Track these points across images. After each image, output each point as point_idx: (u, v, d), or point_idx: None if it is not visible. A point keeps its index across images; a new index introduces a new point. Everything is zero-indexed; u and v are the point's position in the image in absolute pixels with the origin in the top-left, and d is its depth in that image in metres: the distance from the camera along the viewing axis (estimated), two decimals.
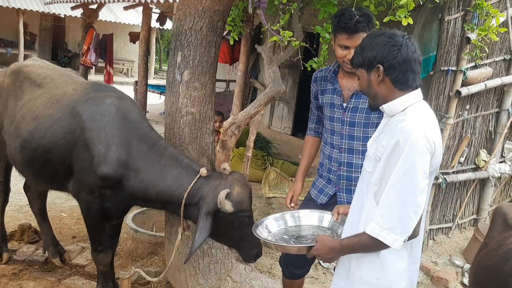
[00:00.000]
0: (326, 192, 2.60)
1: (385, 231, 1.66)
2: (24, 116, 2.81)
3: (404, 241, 1.69)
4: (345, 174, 2.49)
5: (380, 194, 1.73)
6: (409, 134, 1.63)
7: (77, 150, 2.62)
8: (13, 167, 3.39)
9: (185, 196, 2.47)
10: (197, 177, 2.50)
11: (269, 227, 2.26)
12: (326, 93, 2.56)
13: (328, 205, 2.49)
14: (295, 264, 2.67)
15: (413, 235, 1.74)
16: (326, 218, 2.25)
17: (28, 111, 2.82)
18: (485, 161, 4.68)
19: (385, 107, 1.81)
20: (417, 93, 1.81)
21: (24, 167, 2.89)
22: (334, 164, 2.53)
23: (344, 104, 2.45)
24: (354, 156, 2.45)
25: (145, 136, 2.62)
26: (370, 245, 1.73)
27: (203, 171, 2.51)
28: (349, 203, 2.42)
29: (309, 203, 2.67)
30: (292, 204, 2.68)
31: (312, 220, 2.27)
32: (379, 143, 1.78)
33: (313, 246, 1.87)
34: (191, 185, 2.48)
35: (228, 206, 2.40)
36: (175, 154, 2.62)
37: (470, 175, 4.61)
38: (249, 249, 2.60)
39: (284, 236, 2.19)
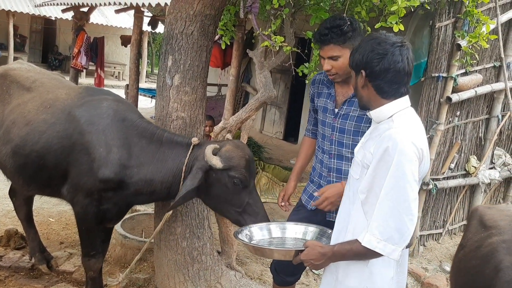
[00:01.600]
0: (317, 198, 2.57)
1: (382, 243, 1.64)
2: (15, 121, 2.77)
3: (402, 250, 1.67)
4: (334, 180, 2.46)
5: (368, 203, 1.72)
6: (398, 142, 1.63)
7: (74, 154, 2.59)
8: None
9: (183, 169, 2.53)
10: (191, 147, 2.56)
11: (253, 235, 2.24)
12: (321, 97, 2.54)
13: (317, 212, 2.47)
14: (287, 272, 2.64)
15: (409, 243, 1.73)
16: (310, 231, 2.21)
17: (19, 115, 2.78)
18: (475, 167, 4.70)
19: (372, 114, 1.82)
20: (405, 100, 1.80)
21: (15, 173, 2.84)
22: (324, 169, 2.51)
23: (336, 110, 2.43)
24: (344, 162, 2.42)
25: (144, 131, 2.63)
26: (363, 253, 1.70)
27: (194, 139, 2.57)
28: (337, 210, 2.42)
29: (300, 209, 2.65)
30: (283, 203, 2.68)
31: (296, 233, 2.23)
32: (366, 149, 1.78)
33: (302, 250, 1.85)
34: (187, 156, 2.54)
35: (215, 161, 2.39)
36: (170, 137, 2.65)
37: (460, 181, 4.63)
38: (252, 222, 2.42)
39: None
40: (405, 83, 1.78)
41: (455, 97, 4.17)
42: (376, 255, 1.67)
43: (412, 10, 3.15)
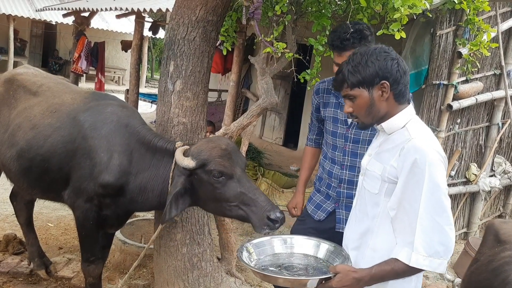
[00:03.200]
0: (324, 208, 2.52)
1: (428, 259, 1.60)
2: (21, 125, 2.78)
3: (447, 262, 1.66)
4: (345, 191, 2.41)
5: (398, 219, 1.68)
6: (426, 153, 1.60)
7: (77, 159, 2.59)
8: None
9: (171, 174, 2.46)
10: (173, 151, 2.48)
11: (256, 251, 1.98)
12: (328, 107, 2.49)
13: (325, 222, 2.42)
14: None
15: None
16: (323, 248, 1.96)
17: (25, 119, 2.79)
18: (475, 174, 4.70)
19: (384, 125, 1.76)
20: (412, 107, 1.79)
21: (19, 177, 2.83)
22: (335, 180, 2.45)
23: (349, 120, 2.38)
24: (356, 174, 2.33)
25: (143, 138, 2.61)
26: (407, 272, 1.65)
27: (177, 144, 2.49)
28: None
29: (305, 219, 2.60)
30: (298, 212, 2.66)
31: (306, 248, 1.98)
32: (385, 163, 1.72)
33: (329, 277, 1.68)
34: (174, 162, 2.45)
35: (186, 161, 2.29)
36: (162, 144, 2.58)
37: (460, 189, 4.62)
38: (255, 214, 2.24)
39: (270, 268, 1.85)
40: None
41: (455, 105, 4.18)
42: (418, 270, 1.65)
43: (414, 17, 3.15)
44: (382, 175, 1.72)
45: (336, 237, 2.09)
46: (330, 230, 2.37)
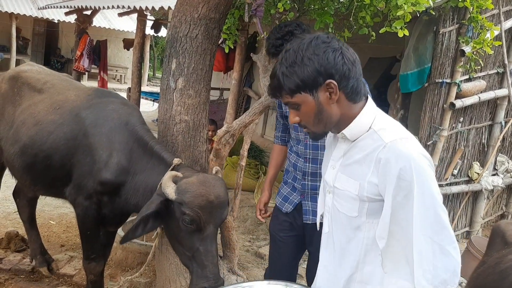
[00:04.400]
0: (291, 200, 2.57)
1: None
2: (25, 121, 2.79)
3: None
4: (310, 183, 2.46)
5: (390, 248, 1.35)
6: (409, 159, 1.29)
7: (78, 155, 2.60)
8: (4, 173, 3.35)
9: (158, 186, 2.36)
10: (170, 168, 2.39)
11: None
12: None
13: (292, 214, 2.51)
14: None
15: None
16: None
17: (29, 116, 2.80)
18: (478, 173, 4.69)
19: (347, 133, 1.43)
20: (371, 102, 1.46)
21: (22, 173, 2.85)
22: (299, 172, 2.50)
23: None
24: (319, 165, 2.34)
25: (140, 139, 2.60)
26: None
27: (176, 160, 2.40)
28: (314, 211, 2.41)
29: (277, 214, 2.65)
30: (263, 213, 2.69)
31: None
32: (359, 179, 1.40)
33: None
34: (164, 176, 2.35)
35: (169, 189, 2.16)
36: (159, 151, 2.53)
37: (463, 188, 4.60)
38: (196, 275, 2.19)
39: None
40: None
41: (458, 103, 4.16)
42: None
43: (417, 15, 3.14)
44: (360, 194, 1.40)
45: (306, 228, 2.28)
46: (300, 220, 2.48)
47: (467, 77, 4.26)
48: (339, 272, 1.52)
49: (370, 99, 1.46)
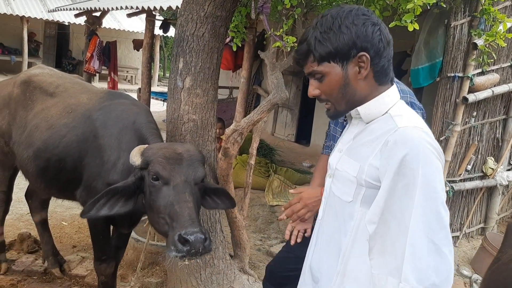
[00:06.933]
0: None
1: None
2: (38, 126, 2.80)
3: None
4: None
5: (377, 236, 1.25)
6: (418, 147, 1.19)
7: (88, 157, 2.60)
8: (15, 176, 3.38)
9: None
10: None
11: None
12: None
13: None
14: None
15: None
16: None
17: (42, 120, 2.81)
18: (492, 168, 4.60)
19: (361, 110, 1.35)
20: (396, 89, 1.40)
21: (37, 177, 2.86)
22: None
23: None
24: None
25: (143, 137, 2.54)
26: None
27: None
28: None
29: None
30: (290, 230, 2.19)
31: None
32: (361, 160, 1.32)
33: None
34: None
35: (135, 157, 2.08)
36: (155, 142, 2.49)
37: (477, 183, 4.52)
38: (173, 231, 1.89)
39: None
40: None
41: (471, 97, 4.08)
42: None
43: (428, 7, 3.08)
44: (358, 177, 1.32)
45: None
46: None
47: (480, 70, 4.18)
48: (323, 259, 1.48)
49: (394, 86, 1.39)
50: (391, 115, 1.32)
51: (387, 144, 1.24)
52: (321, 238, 1.50)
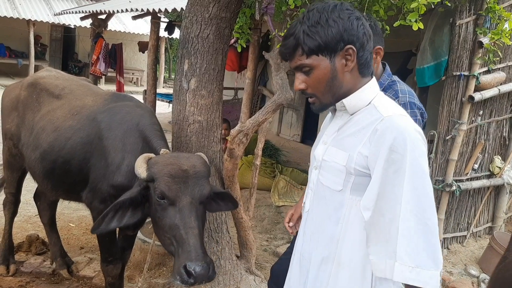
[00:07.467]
0: None
1: (416, 270, 1.23)
2: (44, 128, 2.84)
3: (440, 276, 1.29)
4: None
5: (375, 223, 1.30)
6: (406, 133, 1.26)
7: (93, 159, 2.62)
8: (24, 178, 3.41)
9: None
10: None
11: None
12: None
13: None
14: None
15: None
16: None
17: (48, 122, 2.84)
18: (499, 167, 4.57)
19: (346, 102, 1.40)
20: (376, 81, 1.47)
21: (44, 178, 2.89)
22: None
23: None
24: None
25: (146, 139, 2.55)
26: None
27: (162, 151, 2.31)
28: None
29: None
30: (291, 224, 2.21)
31: None
32: (349, 150, 1.36)
33: None
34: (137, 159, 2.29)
35: (140, 169, 2.06)
36: (156, 147, 2.44)
37: (484, 182, 4.50)
38: (179, 257, 1.92)
39: None
40: None
41: (477, 96, 4.06)
42: None
43: (432, 6, 3.07)
44: (347, 165, 1.35)
45: None
46: None
47: (485, 69, 4.16)
48: (314, 250, 1.49)
49: (374, 79, 1.45)
50: (374, 105, 1.38)
51: (376, 132, 1.30)
52: (310, 228, 1.52)
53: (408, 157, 1.24)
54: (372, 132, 1.31)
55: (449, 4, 3.53)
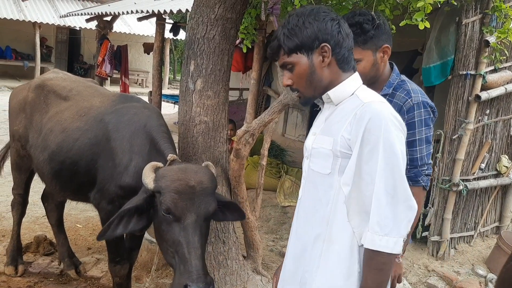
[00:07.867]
0: None
1: (385, 238, 1.38)
2: (52, 129, 2.86)
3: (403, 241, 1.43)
4: None
5: (351, 198, 1.46)
6: (380, 116, 1.40)
7: (101, 160, 2.64)
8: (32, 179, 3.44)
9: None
10: (167, 164, 2.30)
11: None
12: None
13: None
14: None
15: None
16: None
17: (56, 124, 2.87)
18: (506, 167, 4.55)
19: (331, 94, 1.55)
20: (358, 75, 1.60)
21: (52, 179, 2.91)
22: None
23: None
24: None
25: (153, 140, 2.56)
26: (385, 263, 1.42)
27: (169, 157, 2.32)
28: None
29: None
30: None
31: None
32: (334, 135, 1.50)
33: None
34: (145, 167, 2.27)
35: (148, 179, 2.08)
36: (164, 150, 2.47)
37: (491, 182, 4.48)
38: (179, 273, 1.99)
39: None
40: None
41: (484, 95, 4.04)
42: (387, 257, 1.40)
43: (439, 5, 3.07)
44: (334, 149, 1.49)
45: None
46: None
47: (492, 68, 4.14)
48: (308, 231, 1.59)
49: (357, 73, 1.59)
50: (357, 95, 1.52)
51: (355, 116, 1.45)
52: (303, 212, 1.65)
53: (382, 139, 1.38)
54: (353, 116, 1.45)
55: (455, 3, 3.51)
